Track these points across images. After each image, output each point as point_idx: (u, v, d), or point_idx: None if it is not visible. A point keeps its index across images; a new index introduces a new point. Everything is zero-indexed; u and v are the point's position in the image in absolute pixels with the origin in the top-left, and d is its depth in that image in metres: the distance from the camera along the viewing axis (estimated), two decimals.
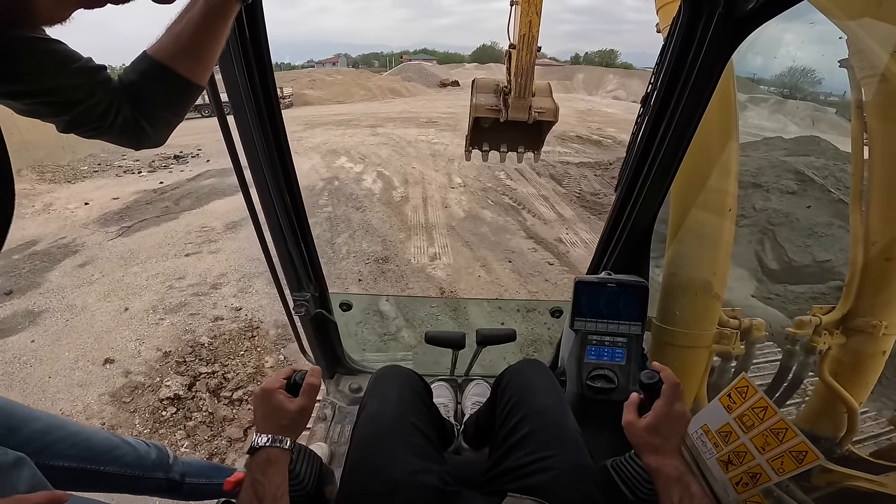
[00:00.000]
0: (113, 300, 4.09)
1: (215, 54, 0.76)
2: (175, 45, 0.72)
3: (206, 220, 6.16)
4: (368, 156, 10.61)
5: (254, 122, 1.10)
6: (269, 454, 0.74)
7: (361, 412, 1.00)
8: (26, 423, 0.94)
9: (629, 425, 0.80)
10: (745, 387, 0.97)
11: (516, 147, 3.30)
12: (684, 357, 1.34)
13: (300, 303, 1.49)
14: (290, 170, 1.25)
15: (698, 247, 1.29)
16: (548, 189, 8.08)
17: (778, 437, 0.90)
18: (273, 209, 1.28)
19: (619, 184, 1.31)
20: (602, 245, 1.39)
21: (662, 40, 1.09)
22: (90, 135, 0.72)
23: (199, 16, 0.70)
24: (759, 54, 2.09)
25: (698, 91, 1.03)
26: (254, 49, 1.00)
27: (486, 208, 6.97)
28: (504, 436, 0.95)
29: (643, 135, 1.17)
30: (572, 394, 1.32)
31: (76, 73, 0.67)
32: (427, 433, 0.95)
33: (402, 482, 0.80)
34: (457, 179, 8.61)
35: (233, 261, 4.82)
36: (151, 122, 0.75)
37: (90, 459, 1.02)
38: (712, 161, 1.24)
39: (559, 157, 10.57)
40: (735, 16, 0.92)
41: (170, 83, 0.73)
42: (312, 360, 1.79)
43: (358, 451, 0.90)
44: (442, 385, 1.73)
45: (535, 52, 2.92)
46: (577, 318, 1.32)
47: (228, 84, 1.04)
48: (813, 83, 8.44)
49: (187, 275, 4.55)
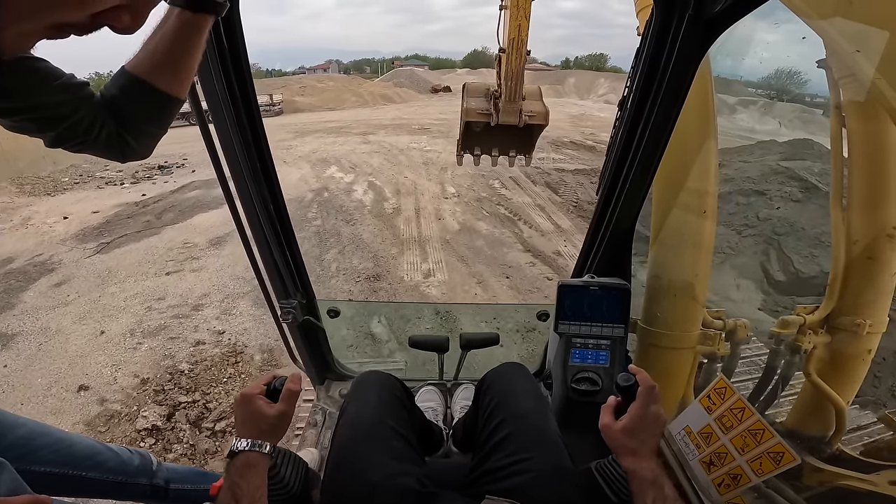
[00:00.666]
0: (89, 322, 3.85)
1: (193, 67, 0.77)
2: (151, 60, 0.72)
3: (188, 235, 5.85)
4: (359, 165, 10.33)
5: (234, 130, 1.10)
6: (247, 458, 0.74)
7: (341, 416, 1.01)
8: (11, 430, 0.95)
9: (606, 428, 0.81)
10: (723, 388, 0.97)
11: (508, 151, 3.31)
12: (669, 358, 1.34)
13: (287, 310, 1.49)
14: (273, 177, 1.26)
15: (679, 248, 1.29)
16: (544, 198, 7.84)
17: (756, 438, 0.90)
18: (256, 217, 1.28)
19: (600, 186, 1.32)
20: (585, 248, 1.40)
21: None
22: (76, 149, 0.73)
23: (172, 30, 0.70)
24: (742, 55, 2.10)
25: (673, 92, 1.04)
26: (232, 58, 1.00)
27: (481, 220, 6.74)
28: (485, 438, 0.96)
29: (621, 137, 1.18)
30: (558, 397, 1.33)
31: (60, 89, 0.68)
32: (406, 436, 0.96)
33: (379, 485, 0.81)
34: (450, 189, 8.31)
35: (216, 280, 4.55)
36: (135, 135, 0.76)
37: (72, 465, 1.03)
38: (691, 161, 1.25)
39: (554, 165, 10.34)
40: (704, 17, 0.93)
41: (149, 97, 0.74)
42: (301, 366, 1.79)
43: (337, 454, 0.91)
44: (431, 389, 1.73)
45: (524, 56, 2.94)
46: (561, 321, 1.32)
47: (207, 93, 1.04)
48: (799, 85, 8.47)
49: (167, 295, 4.29)
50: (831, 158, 1.34)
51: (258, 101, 1.12)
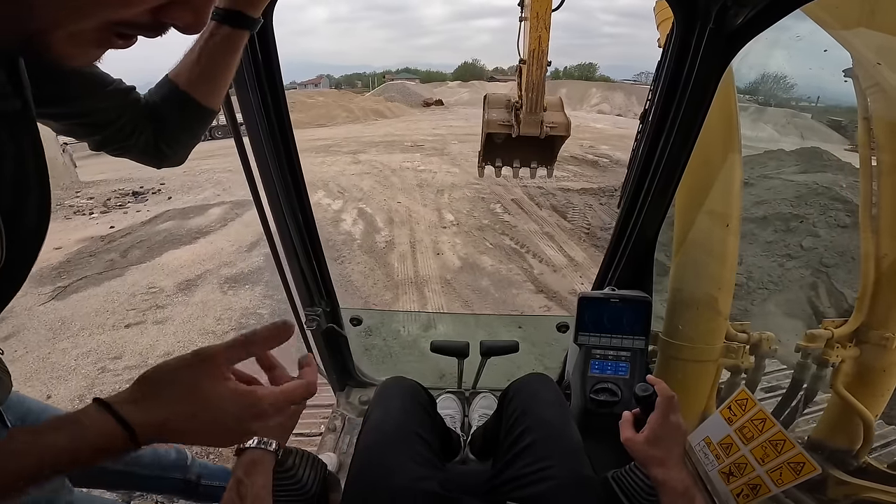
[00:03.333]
0: (35, 384, 3.37)
1: (227, 80, 0.80)
2: (190, 72, 0.76)
3: (155, 277, 5.17)
4: (348, 189, 9.39)
5: (267, 141, 1.15)
6: (253, 455, 0.75)
7: (366, 422, 1.03)
8: (45, 416, 0.93)
9: (628, 441, 0.81)
10: (744, 399, 0.97)
11: (529, 162, 3.33)
12: (690, 371, 1.33)
13: (312, 317, 1.53)
14: (302, 188, 1.31)
15: (703, 261, 1.29)
16: (551, 224, 7.06)
17: (776, 448, 0.90)
18: (286, 226, 1.33)
19: (621, 199, 1.33)
20: (606, 260, 1.40)
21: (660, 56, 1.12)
22: (117, 153, 0.77)
23: (210, 44, 0.73)
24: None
25: (695, 105, 1.05)
26: (266, 72, 1.05)
27: (484, 253, 5.96)
28: (508, 446, 0.97)
29: (643, 150, 1.19)
30: (577, 407, 1.33)
31: (110, 95, 0.71)
32: (430, 442, 0.97)
33: (403, 488, 0.83)
34: (448, 216, 7.45)
35: (182, 335, 3.89)
36: (170, 143, 0.80)
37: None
38: (714, 175, 1.25)
39: (558, 184, 9.42)
40: (726, 30, 0.94)
41: (186, 107, 0.77)
42: (323, 372, 1.83)
43: (361, 458, 0.92)
44: (450, 397, 1.74)
45: (545, 67, 2.96)
46: (580, 332, 1.33)
47: (243, 106, 1.10)
48: (786, 89, 8.26)
49: (125, 353, 3.68)
50: (860, 171, 1.33)
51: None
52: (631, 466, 0.92)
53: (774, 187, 5.41)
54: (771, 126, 8.90)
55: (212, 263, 5.44)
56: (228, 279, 4.95)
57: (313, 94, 38.28)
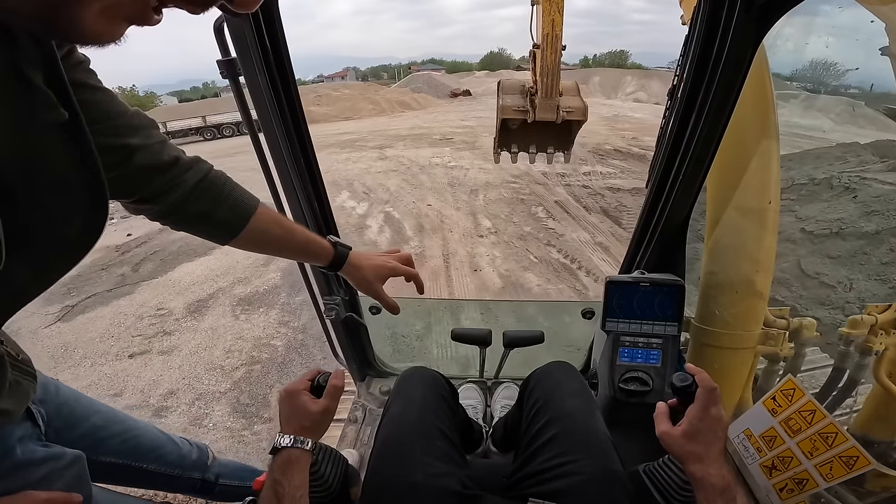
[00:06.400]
0: None
1: (265, 251, 0.90)
2: (265, 229, 0.83)
3: (165, 296, 4.82)
4: (374, 189, 8.73)
5: (281, 136, 1.14)
6: (290, 454, 0.75)
7: (385, 414, 1.01)
8: (87, 418, 0.95)
9: (665, 435, 0.76)
10: (791, 389, 0.91)
11: (545, 148, 3.25)
12: (726, 359, 1.27)
13: (331, 306, 1.52)
14: (319, 180, 1.30)
15: (739, 243, 1.22)
16: (604, 232, 6.00)
17: (827, 441, 0.84)
18: (302, 215, 1.32)
19: (650, 178, 1.27)
20: (634, 244, 1.35)
21: (686, 31, 1.05)
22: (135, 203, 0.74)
23: (298, 243, 0.89)
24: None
25: (727, 82, 0.98)
26: (278, 69, 1.05)
27: (528, 269, 5.03)
28: (529, 439, 0.93)
29: (672, 128, 1.13)
30: (604, 397, 1.29)
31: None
32: (450, 436, 0.94)
33: (421, 485, 0.80)
34: (485, 223, 6.60)
35: (188, 369, 3.52)
36: (173, 220, 0.76)
37: (136, 457, 1.04)
38: (749, 153, 1.17)
39: (605, 182, 8.32)
40: (759, 2, 0.88)
41: (221, 228, 0.79)
42: (343, 362, 1.82)
43: (380, 451, 0.90)
44: (471, 387, 1.72)
45: (559, 51, 2.87)
46: (608, 318, 1.28)
47: (257, 104, 1.08)
48: (836, 76, 7.87)
49: (126, 389, 3.35)
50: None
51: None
52: (665, 460, 0.88)
53: (885, 195, 4.56)
54: (824, 114, 8.44)
55: (225, 280, 5.06)
56: (242, 300, 4.54)
57: (339, 86, 37.47)
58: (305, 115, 1.18)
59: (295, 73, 1.10)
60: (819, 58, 7.21)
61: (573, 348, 1.84)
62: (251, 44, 0.97)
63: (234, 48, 0.97)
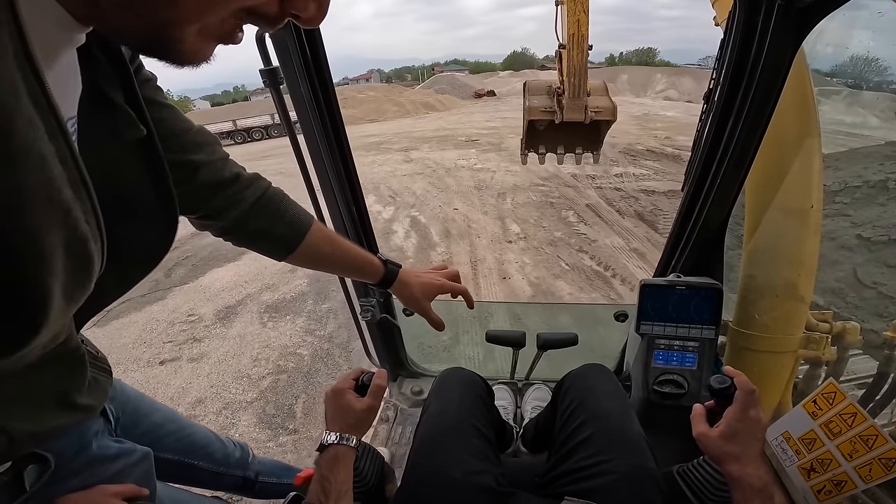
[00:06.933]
0: None
1: (322, 268, 0.93)
2: (319, 247, 0.85)
3: (195, 302, 4.83)
4: (400, 192, 8.61)
5: (321, 138, 1.18)
6: (336, 451, 0.78)
7: (424, 413, 1.04)
8: (148, 416, 0.98)
9: (702, 436, 0.77)
10: (832, 393, 0.90)
11: (573, 148, 3.24)
12: (765, 362, 1.25)
13: (367, 308, 1.56)
14: (355, 181, 1.33)
15: (780, 246, 1.20)
16: (640, 237, 5.70)
17: (867, 444, 0.84)
18: (341, 220, 1.36)
19: (686, 182, 1.26)
20: (670, 246, 1.34)
21: (722, 33, 1.05)
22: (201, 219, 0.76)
23: (351, 261, 0.93)
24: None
25: (766, 85, 0.98)
26: (317, 72, 1.08)
27: (560, 277, 4.83)
28: (564, 439, 0.95)
29: (709, 131, 1.12)
30: (638, 399, 1.29)
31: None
32: (487, 435, 0.97)
33: (458, 482, 0.83)
34: (513, 228, 6.37)
35: (216, 378, 3.51)
36: (234, 236, 0.79)
37: (188, 454, 1.07)
38: (790, 154, 1.15)
39: (638, 184, 7.97)
40: (797, 6, 0.87)
41: (278, 244, 0.81)
42: (377, 362, 1.87)
43: (419, 449, 0.93)
44: (502, 388, 1.74)
45: (586, 51, 2.86)
46: (643, 321, 1.28)
47: (297, 105, 1.13)
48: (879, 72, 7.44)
49: (156, 397, 3.21)
50: None
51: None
52: (700, 461, 0.88)
53: None
54: (868, 111, 8.00)
55: (254, 286, 5.06)
56: (269, 307, 4.55)
57: (364, 89, 37.42)
58: None
59: None
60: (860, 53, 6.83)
61: (605, 350, 1.84)
62: (293, 53, 1.01)
63: (275, 57, 1.01)
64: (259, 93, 13.72)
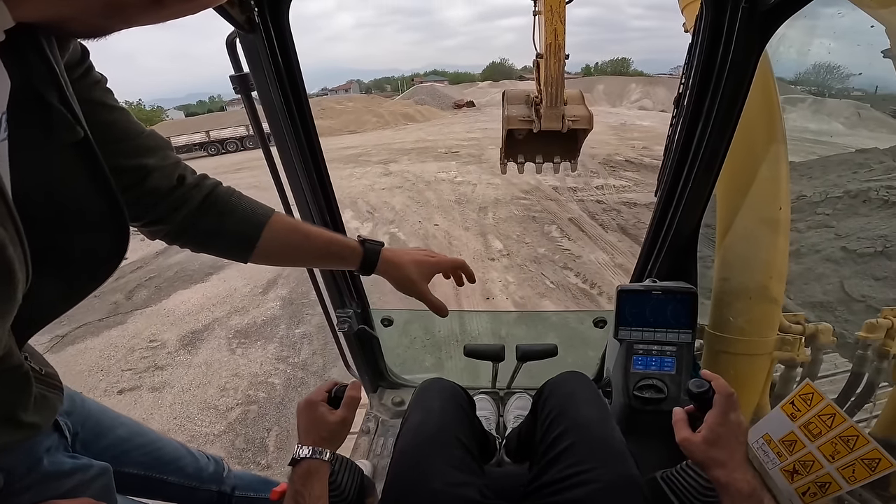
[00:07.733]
0: None
1: (286, 263, 0.90)
2: (283, 238, 0.79)
3: (158, 327, 4.55)
4: (379, 207, 8.34)
5: (294, 149, 1.16)
6: (309, 465, 0.75)
7: (404, 425, 1.01)
8: (112, 430, 0.95)
9: (685, 442, 0.75)
10: (810, 394, 0.91)
11: (552, 157, 3.27)
12: (741, 365, 1.27)
13: (343, 319, 1.53)
14: (330, 192, 1.31)
15: (751, 249, 1.22)
16: (624, 253, 5.66)
17: (848, 444, 0.84)
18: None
19: (658, 187, 1.28)
20: (645, 252, 1.36)
21: (689, 39, 1.07)
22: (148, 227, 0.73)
23: (320, 245, 0.85)
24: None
25: (733, 86, 1.00)
26: (290, 83, 1.06)
27: (545, 296, 4.73)
28: (545, 449, 0.93)
29: (679, 137, 1.14)
30: (619, 405, 1.28)
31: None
32: (468, 446, 0.94)
33: (439, 493, 0.81)
34: (495, 244, 6.24)
35: (179, 408, 3.31)
36: (189, 242, 0.76)
37: (157, 468, 1.03)
38: (758, 159, 1.18)
39: (620, 196, 8.05)
40: (761, 9, 0.89)
41: (236, 241, 0.77)
42: (356, 374, 1.83)
43: (399, 461, 0.91)
44: (484, 398, 1.71)
45: (563, 61, 2.90)
46: (621, 327, 1.28)
47: (270, 118, 1.10)
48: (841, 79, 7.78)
49: None
50: None
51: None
52: (683, 466, 0.88)
53: None
54: (832, 118, 8.30)
55: (221, 310, 4.80)
56: (238, 332, 4.29)
57: (343, 99, 36.92)
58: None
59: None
60: (822, 61, 7.15)
61: (585, 357, 1.84)
62: (263, 59, 0.99)
63: (246, 63, 0.99)
64: (235, 103, 13.54)
